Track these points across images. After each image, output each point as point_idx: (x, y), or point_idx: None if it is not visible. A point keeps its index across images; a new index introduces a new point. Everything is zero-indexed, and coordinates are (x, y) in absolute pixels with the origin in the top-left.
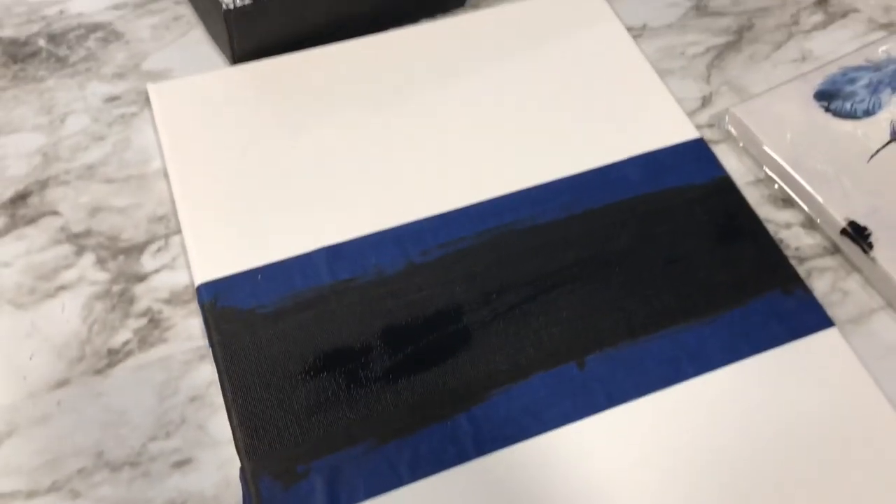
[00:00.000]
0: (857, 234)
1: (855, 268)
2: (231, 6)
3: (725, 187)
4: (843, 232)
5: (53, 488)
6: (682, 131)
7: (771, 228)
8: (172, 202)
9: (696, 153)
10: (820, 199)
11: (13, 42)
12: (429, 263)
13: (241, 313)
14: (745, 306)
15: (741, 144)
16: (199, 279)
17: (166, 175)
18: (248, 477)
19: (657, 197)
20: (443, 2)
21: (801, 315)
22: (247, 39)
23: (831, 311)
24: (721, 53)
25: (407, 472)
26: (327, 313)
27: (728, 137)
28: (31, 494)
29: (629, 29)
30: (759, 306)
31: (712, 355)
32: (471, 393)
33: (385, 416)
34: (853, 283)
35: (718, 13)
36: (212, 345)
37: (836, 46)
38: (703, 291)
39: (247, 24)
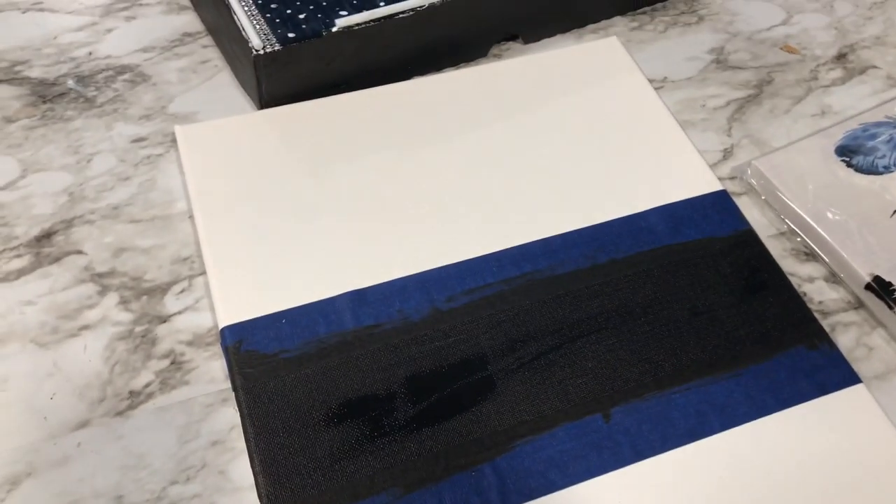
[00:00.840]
0: (883, 289)
1: (879, 323)
2: (261, 52)
3: (749, 240)
4: (868, 287)
5: None
6: (705, 183)
7: (794, 282)
8: (197, 243)
9: (720, 205)
10: (843, 253)
11: (42, 82)
12: (454, 310)
13: (265, 358)
14: (771, 360)
15: (763, 197)
16: (224, 322)
17: (191, 216)
18: None
19: (681, 248)
20: (466, 51)
21: (827, 371)
22: (275, 85)
23: (856, 367)
24: (742, 107)
25: None
26: (351, 360)
27: (750, 190)
28: None
29: (650, 81)
30: (785, 361)
31: (739, 410)
32: (495, 443)
33: (409, 466)
34: (878, 338)
35: (738, 67)
36: (235, 389)
37: (856, 102)
38: (728, 345)
39: (275, 70)
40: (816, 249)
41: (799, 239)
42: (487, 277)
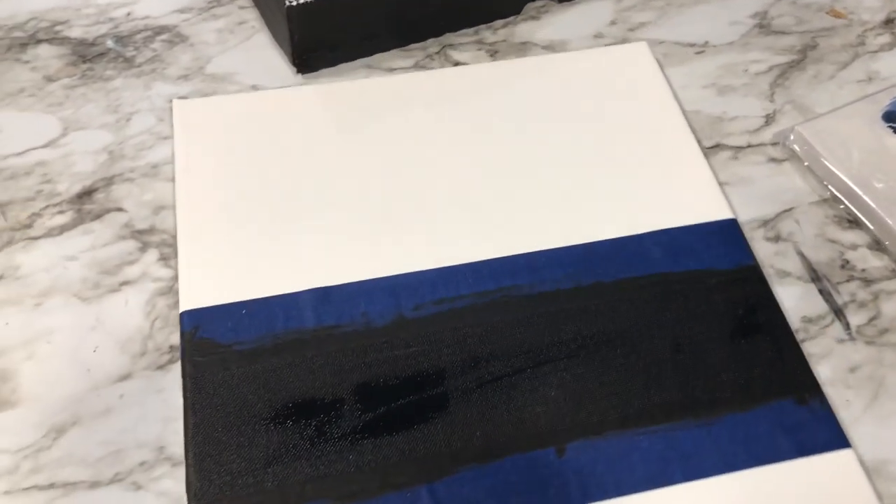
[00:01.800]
0: None
1: None
2: (294, 3)
3: (752, 277)
4: None
5: (115, 480)
6: (714, 210)
7: (836, 249)
8: None
9: (727, 235)
10: (888, 220)
11: (82, 42)
12: (420, 319)
13: (218, 347)
14: (752, 412)
15: (806, 163)
16: (184, 306)
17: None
18: None
19: (675, 278)
20: (500, 8)
21: (813, 429)
22: (307, 37)
23: None
24: (785, 72)
25: None
26: (305, 359)
27: (792, 156)
28: (94, 485)
29: (690, 46)
30: (766, 413)
31: (706, 461)
32: (438, 465)
33: (344, 478)
34: None
35: (782, 32)
36: (183, 376)
37: None
38: (707, 388)
39: (308, 22)
40: (860, 216)
41: (842, 206)
42: (461, 289)
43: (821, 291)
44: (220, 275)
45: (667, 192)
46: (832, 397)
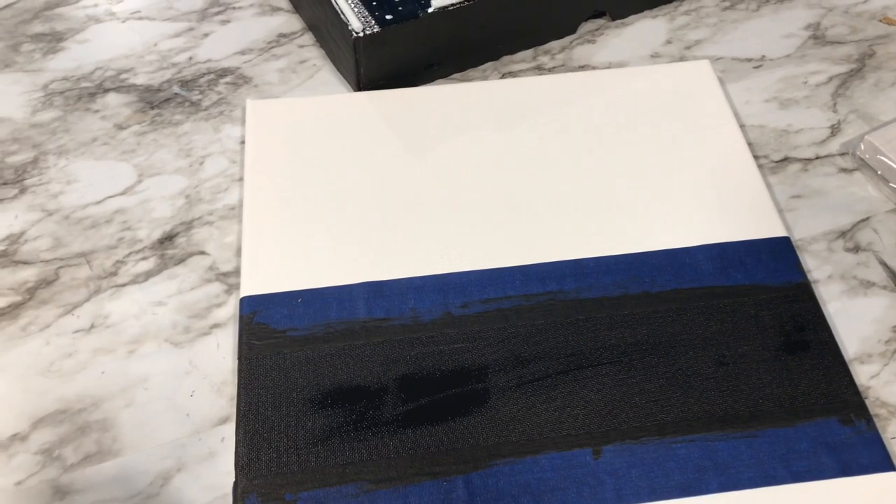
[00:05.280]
0: None
1: None
2: (360, 34)
3: (802, 295)
4: None
5: None
6: (769, 227)
7: None
8: None
9: (779, 253)
10: None
11: (148, 88)
12: (466, 317)
13: (273, 333)
14: (794, 428)
15: (879, 172)
16: (245, 291)
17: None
18: (238, 492)
19: (722, 292)
20: (556, 29)
21: (856, 450)
22: (373, 67)
23: None
24: (845, 82)
25: None
26: (354, 349)
27: (862, 165)
28: None
29: (747, 60)
30: (810, 430)
31: (743, 473)
32: (474, 457)
33: (383, 462)
34: None
35: (837, 42)
36: (239, 357)
37: None
38: (749, 402)
39: (374, 52)
40: None
41: None
42: (508, 290)
43: None
44: (280, 265)
45: (720, 207)
46: None
